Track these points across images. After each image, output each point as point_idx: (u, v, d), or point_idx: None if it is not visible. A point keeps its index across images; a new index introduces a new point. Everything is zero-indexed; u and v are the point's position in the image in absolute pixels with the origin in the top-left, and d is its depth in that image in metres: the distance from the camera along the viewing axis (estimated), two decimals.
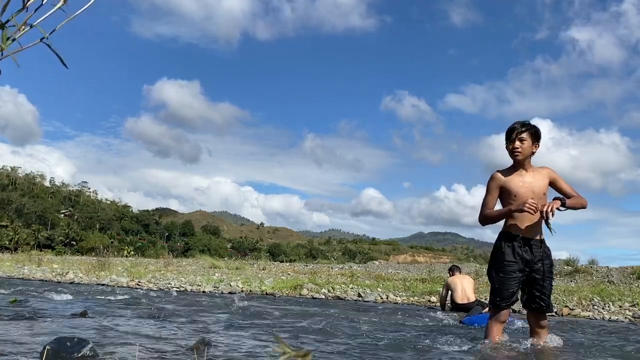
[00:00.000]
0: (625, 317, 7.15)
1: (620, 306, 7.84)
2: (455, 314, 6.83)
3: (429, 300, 8.55)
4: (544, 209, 3.32)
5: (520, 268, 3.49)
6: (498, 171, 3.63)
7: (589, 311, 7.57)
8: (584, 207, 3.52)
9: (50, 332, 3.52)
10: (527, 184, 3.52)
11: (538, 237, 3.52)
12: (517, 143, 3.49)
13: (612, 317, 7.13)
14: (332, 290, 10.08)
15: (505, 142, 3.58)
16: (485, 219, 3.61)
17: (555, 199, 3.43)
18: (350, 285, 10.88)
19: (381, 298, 9.44)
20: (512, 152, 3.52)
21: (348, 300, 9.31)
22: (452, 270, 7.89)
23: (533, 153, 3.58)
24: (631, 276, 13.15)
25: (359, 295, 9.63)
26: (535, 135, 3.54)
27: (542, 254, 3.52)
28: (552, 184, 3.57)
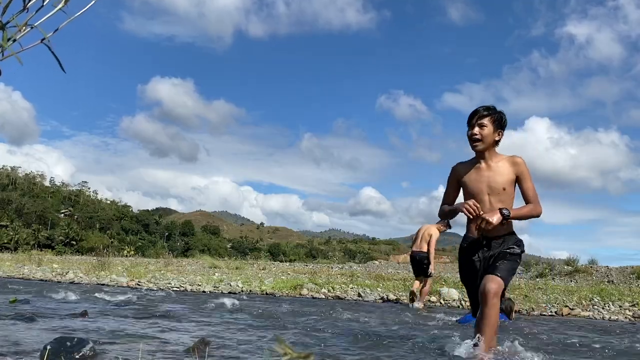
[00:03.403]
0: (625, 317, 7.15)
1: (620, 306, 7.84)
2: (452, 316, 6.83)
3: (429, 300, 8.56)
4: (479, 224, 2.96)
5: (478, 267, 3.19)
6: (459, 163, 3.33)
7: (589, 311, 7.57)
8: (534, 217, 3.10)
9: (50, 332, 3.52)
10: (484, 178, 3.15)
11: (501, 233, 3.15)
12: (476, 129, 3.12)
13: (612, 317, 7.13)
14: (332, 290, 10.08)
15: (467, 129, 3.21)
16: (440, 214, 3.38)
17: (500, 212, 2.99)
18: (350, 285, 10.88)
19: (381, 298, 9.44)
20: (470, 139, 3.15)
21: (348, 300, 9.31)
22: None
23: (497, 142, 3.18)
24: (631, 276, 13.16)
25: (359, 295, 9.63)
26: (499, 121, 3.15)
27: (502, 248, 3.14)
28: (517, 180, 3.14)
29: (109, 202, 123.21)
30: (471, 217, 3.00)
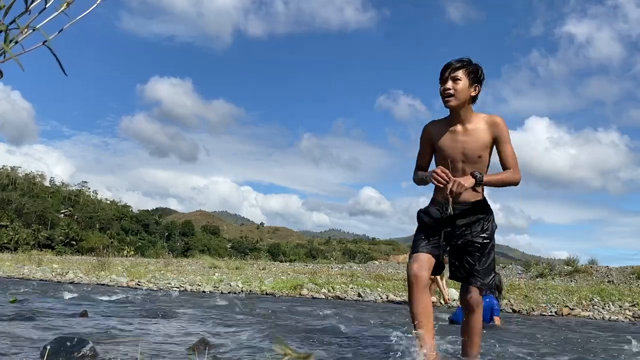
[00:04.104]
0: (625, 317, 7.16)
1: (620, 306, 7.85)
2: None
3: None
4: (451, 189, 2.60)
5: (438, 229, 2.85)
6: (431, 122, 2.95)
7: (589, 311, 7.58)
8: (512, 185, 2.76)
9: (50, 332, 3.52)
10: (459, 144, 2.80)
11: (471, 200, 2.81)
12: (449, 83, 2.73)
13: (612, 317, 7.14)
14: (332, 290, 10.08)
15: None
16: (415, 181, 3.00)
17: (472, 174, 2.67)
18: (350, 285, 10.88)
19: (381, 298, 9.44)
20: (442, 95, 2.76)
21: (348, 300, 9.31)
22: None
23: (473, 98, 2.80)
24: (631, 276, 13.16)
25: (359, 295, 9.63)
26: (475, 74, 2.76)
27: (471, 219, 2.81)
28: (496, 142, 2.78)
29: (108, 202, 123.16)
30: (441, 186, 2.67)
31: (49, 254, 36.61)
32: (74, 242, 72.62)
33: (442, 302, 8.33)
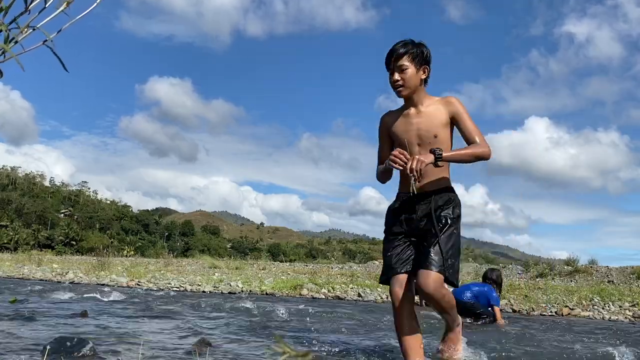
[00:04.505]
0: (626, 317, 7.16)
1: (620, 306, 7.85)
2: None
3: None
4: (411, 166, 2.46)
5: (404, 231, 2.75)
6: (387, 112, 2.87)
7: (589, 311, 7.58)
8: (480, 159, 2.62)
9: (50, 332, 3.52)
10: (413, 126, 2.69)
11: (434, 188, 2.70)
12: (397, 75, 2.64)
13: (612, 317, 7.14)
14: (332, 290, 10.08)
15: None
16: (378, 177, 2.88)
17: (430, 151, 2.55)
18: (350, 285, 10.88)
19: (381, 298, 9.44)
20: (392, 87, 2.69)
21: (348, 300, 9.31)
22: None
23: (424, 81, 2.70)
24: (631, 276, 13.16)
25: (359, 295, 9.63)
26: (420, 56, 2.65)
27: (431, 208, 2.67)
28: (454, 121, 2.68)
29: (108, 202, 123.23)
30: (400, 168, 2.52)
31: (49, 254, 36.61)
32: (74, 242, 72.64)
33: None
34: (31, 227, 74.27)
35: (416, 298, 8.64)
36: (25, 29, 0.86)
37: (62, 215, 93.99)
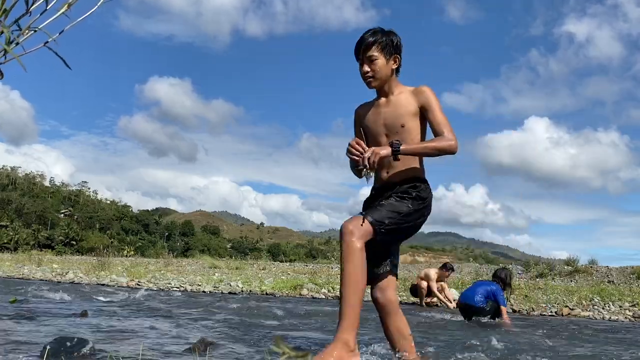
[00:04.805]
0: (626, 317, 7.16)
1: (620, 306, 7.85)
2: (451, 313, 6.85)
3: (432, 300, 8.56)
4: (366, 160, 2.35)
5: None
6: (361, 104, 2.77)
7: (589, 311, 7.58)
8: (444, 153, 2.46)
9: (50, 332, 3.52)
10: (380, 115, 2.60)
11: (402, 178, 2.56)
12: (366, 66, 2.53)
13: (612, 317, 7.14)
14: (332, 290, 10.08)
15: None
16: (352, 170, 2.71)
17: (390, 143, 2.44)
18: None
19: None
20: (363, 78, 2.58)
21: None
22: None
23: (395, 71, 2.59)
24: (631, 276, 13.16)
25: None
26: (390, 46, 2.53)
27: (397, 189, 2.53)
28: (424, 111, 2.54)
29: (108, 202, 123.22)
30: (356, 159, 2.41)
31: (49, 254, 36.63)
32: (74, 242, 72.65)
33: (424, 304, 8.44)
34: (31, 227, 74.28)
35: (416, 299, 8.85)
36: (27, 31, 0.86)
37: (62, 215, 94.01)
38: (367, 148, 2.41)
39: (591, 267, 15.18)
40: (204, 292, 10.11)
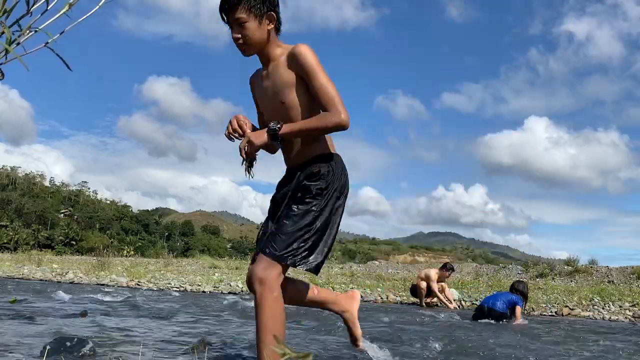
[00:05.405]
0: (626, 317, 7.16)
1: (620, 306, 7.86)
2: (451, 313, 6.86)
3: (432, 300, 8.57)
4: (242, 151, 2.08)
5: (270, 210, 2.29)
6: (255, 72, 2.35)
7: (589, 311, 7.58)
8: (332, 130, 2.06)
9: (50, 332, 3.52)
10: (263, 89, 2.21)
11: (304, 159, 2.16)
12: (236, 33, 2.08)
13: (612, 317, 7.14)
14: (332, 290, 10.09)
15: None
16: None
17: (267, 128, 2.07)
18: (351, 285, 10.89)
19: (381, 298, 9.45)
20: (235, 45, 2.13)
21: None
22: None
23: (275, 30, 2.15)
24: (631, 276, 13.16)
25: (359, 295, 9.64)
26: (259, 4, 2.06)
27: (290, 189, 2.16)
28: (305, 80, 2.08)
29: (108, 202, 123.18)
30: (232, 142, 2.13)
31: (48, 254, 36.63)
32: (74, 242, 72.64)
33: (424, 304, 8.46)
34: (31, 227, 74.27)
35: (416, 299, 8.87)
36: (27, 31, 0.86)
37: (62, 215, 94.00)
38: (247, 133, 2.10)
39: (591, 267, 15.17)
40: (204, 292, 10.11)
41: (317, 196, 2.09)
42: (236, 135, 2.12)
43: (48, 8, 0.87)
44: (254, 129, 2.21)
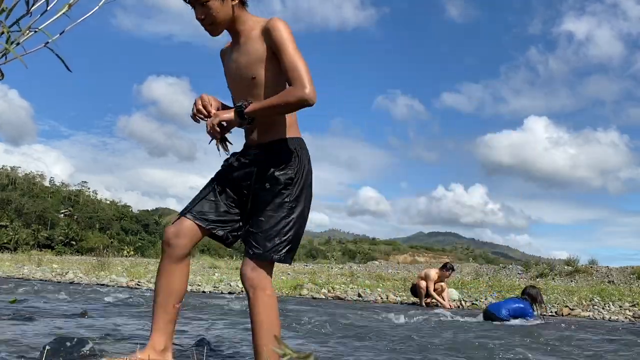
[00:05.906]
0: (626, 317, 7.16)
1: (620, 306, 7.86)
2: (449, 313, 6.86)
3: (432, 300, 8.57)
4: (209, 129, 1.99)
5: (226, 178, 2.16)
6: (226, 45, 2.24)
7: (589, 311, 7.59)
8: (296, 107, 1.95)
9: (50, 332, 3.52)
10: (233, 64, 2.10)
11: (266, 140, 2.06)
12: (200, 14, 1.99)
13: (612, 317, 7.14)
14: (332, 290, 10.08)
15: None
16: None
17: (235, 105, 2.00)
18: (350, 285, 10.89)
19: (381, 298, 9.45)
20: (202, 25, 2.04)
21: (348, 300, 9.32)
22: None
23: (240, 5, 2.04)
24: (631, 276, 13.17)
25: (359, 295, 9.64)
26: None
27: (259, 165, 2.06)
28: (276, 54, 1.97)
29: (108, 202, 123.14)
30: (197, 123, 2.07)
31: (48, 254, 36.64)
32: (74, 242, 72.66)
33: (424, 304, 8.48)
34: (31, 227, 74.29)
35: (416, 298, 8.88)
36: (27, 31, 0.86)
37: (62, 215, 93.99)
38: (212, 112, 2.02)
39: (591, 267, 15.19)
40: (203, 292, 10.11)
41: (288, 186, 2.02)
42: (201, 116, 2.04)
43: (48, 8, 0.87)
44: (224, 107, 2.14)
